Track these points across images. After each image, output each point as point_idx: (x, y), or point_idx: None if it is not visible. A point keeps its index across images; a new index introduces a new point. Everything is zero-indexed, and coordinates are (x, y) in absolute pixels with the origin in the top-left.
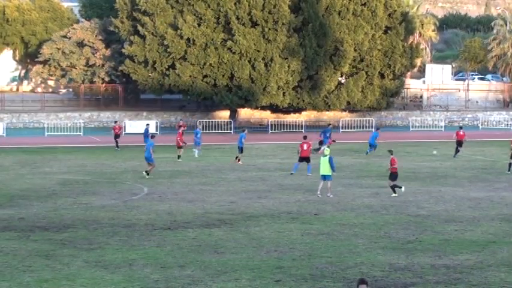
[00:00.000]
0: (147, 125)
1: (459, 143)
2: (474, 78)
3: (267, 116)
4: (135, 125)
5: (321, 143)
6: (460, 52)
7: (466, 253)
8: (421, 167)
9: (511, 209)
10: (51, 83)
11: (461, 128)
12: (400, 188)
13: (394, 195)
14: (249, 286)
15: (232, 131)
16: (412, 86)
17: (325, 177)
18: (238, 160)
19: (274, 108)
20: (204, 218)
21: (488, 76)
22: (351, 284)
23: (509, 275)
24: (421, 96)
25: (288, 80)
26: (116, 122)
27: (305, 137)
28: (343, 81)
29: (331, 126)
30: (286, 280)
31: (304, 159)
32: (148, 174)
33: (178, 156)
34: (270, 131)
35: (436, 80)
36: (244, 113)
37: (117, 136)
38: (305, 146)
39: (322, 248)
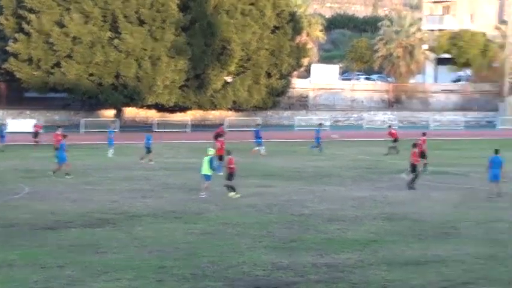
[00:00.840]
0: (2, 124)
1: (395, 141)
2: (360, 78)
3: (152, 115)
4: (18, 124)
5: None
6: (347, 52)
7: (347, 252)
8: (306, 166)
9: (393, 208)
10: None
11: (390, 126)
12: (235, 192)
13: (235, 194)
14: (130, 286)
15: (117, 130)
16: (299, 85)
17: (205, 177)
18: (148, 159)
19: (160, 107)
20: (87, 218)
21: (374, 76)
22: (233, 283)
23: (389, 273)
24: (307, 96)
25: (174, 79)
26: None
27: (219, 135)
28: (229, 80)
29: (322, 125)
30: (168, 280)
31: (219, 157)
32: (52, 172)
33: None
34: (155, 130)
35: (322, 79)
36: (130, 112)
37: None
38: (218, 145)
39: (205, 247)
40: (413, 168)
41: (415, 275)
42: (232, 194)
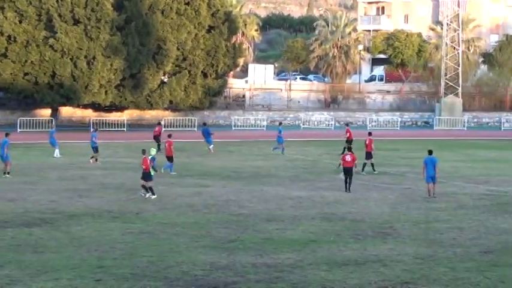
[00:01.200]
0: None
1: (350, 142)
2: (296, 78)
3: (89, 114)
4: None
5: None
6: (283, 52)
7: (286, 252)
8: (244, 166)
9: (332, 208)
10: None
11: (347, 125)
12: (153, 194)
13: (153, 196)
14: (69, 286)
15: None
16: (235, 85)
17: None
18: (96, 160)
19: (97, 107)
20: (24, 217)
21: (310, 76)
22: (172, 283)
23: (328, 273)
24: (244, 96)
25: (110, 78)
26: None
27: (169, 136)
28: (166, 80)
29: (282, 124)
30: (107, 279)
31: (168, 157)
32: (7, 173)
33: None
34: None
35: (258, 79)
36: (66, 111)
37: None
38: (167, 145)
39: (143, 247)
40: (347, 171)
41: (355, 275)
42: (149, 195)
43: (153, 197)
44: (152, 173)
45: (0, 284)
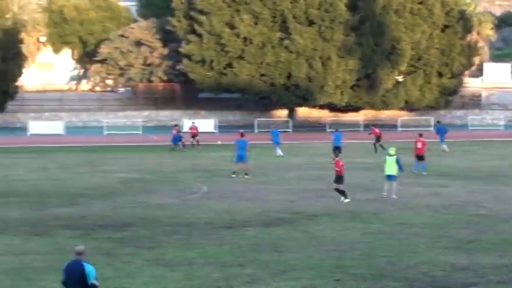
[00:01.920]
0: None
1: None
2: None
3: (324, 114)
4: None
5: None
6: None
7: None
8: (481, 166)
9: None
10: (109, 82)
11: None
12: (346, 198)
13: (346, 200)
14: (310, 285)
15: (290, 130)
16: (471, 84)
17: (390, 177)
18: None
19: (332, 107)
20: (263, 217)
21: None
22: (412, 283)
23: None
24: (480, 95)
25: (345, 78)
26: (176, 125)
27: (420, 135)
28: (400, 79)
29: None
30: (346, 279)
31: (419, 157)
32: (247, 174)
33: None
34: (328, 130)
35: (494, 78)
36: (302, 111)
37: (178, 138)
38: (419, 144)
39: (381, 247)
40: None
41: None
42: (342, 199)
43: (346, 200)
44: (396, 173)
45: (242, 282)
